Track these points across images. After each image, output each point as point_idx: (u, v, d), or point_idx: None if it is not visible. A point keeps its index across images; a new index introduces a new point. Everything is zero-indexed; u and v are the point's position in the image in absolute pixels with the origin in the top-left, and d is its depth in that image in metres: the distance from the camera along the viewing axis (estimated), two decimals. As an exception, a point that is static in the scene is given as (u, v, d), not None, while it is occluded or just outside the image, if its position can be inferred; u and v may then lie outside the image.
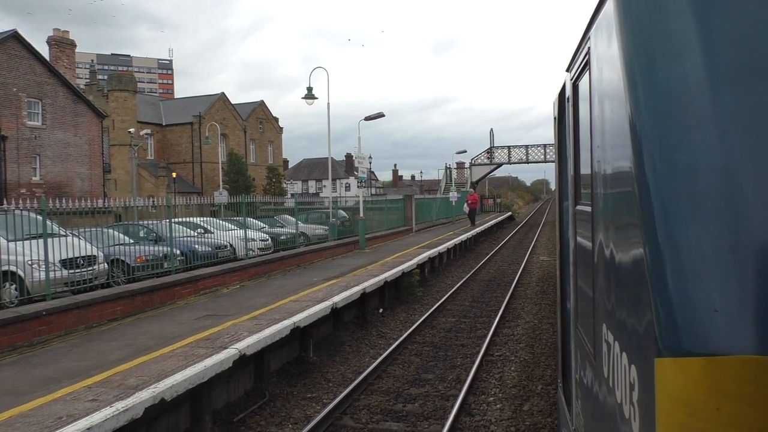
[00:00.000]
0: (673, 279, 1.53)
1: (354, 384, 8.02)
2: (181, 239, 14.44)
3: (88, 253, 11.56)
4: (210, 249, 14.92)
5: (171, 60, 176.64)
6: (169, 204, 12.89)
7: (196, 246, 14.60)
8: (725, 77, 1.64)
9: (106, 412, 5.01)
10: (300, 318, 8.88)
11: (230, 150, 55.31)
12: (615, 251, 2.07)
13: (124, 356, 6.98)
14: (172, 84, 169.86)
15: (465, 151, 51.96)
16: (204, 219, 18.49)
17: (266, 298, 10.82)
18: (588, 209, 2.73)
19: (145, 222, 15.95)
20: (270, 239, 18.29)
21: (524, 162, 51.50)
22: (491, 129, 54.09)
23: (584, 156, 2.98)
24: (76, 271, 11.01)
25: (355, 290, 11.39)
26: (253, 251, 16.38)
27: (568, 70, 3.69)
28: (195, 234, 16.47)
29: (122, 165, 49.21)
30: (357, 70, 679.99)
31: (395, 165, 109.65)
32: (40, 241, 10.35)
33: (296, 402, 7.80)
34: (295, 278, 13.73)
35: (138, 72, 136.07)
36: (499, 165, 52.76)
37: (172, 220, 13.16)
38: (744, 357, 1.41)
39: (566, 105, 3.82)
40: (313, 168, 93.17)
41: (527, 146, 51.19)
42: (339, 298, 10.49)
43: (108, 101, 48.67)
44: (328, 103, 21.29)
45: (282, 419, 7.21)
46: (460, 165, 61.81)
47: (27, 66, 30.20)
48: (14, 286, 10.52)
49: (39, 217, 10.97)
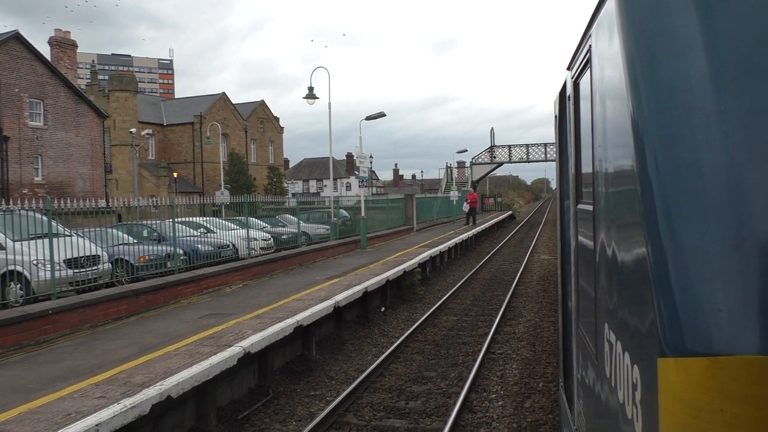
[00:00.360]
0: (676, 278, 1.52)
1: (357, 382, 8.09)
2: (184, 239, 14.51)
3: (92, 253, 11.64)
4: (212, 248, 15.00)
5: (171, 60, 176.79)
6: (173, 204, 12.97)
7: (199, 245, 14.68)
8: (728, 74, 1.63)
9: (114, 409, 5.08)
10: (303, 316, 8.95)
11: (231, 150, 55.33)
12: (617, 250, 2.05)
13: (130, 354, 7.05)
14: (173, 84, 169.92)
15: (466, 150, 51.97)
16: (206, 219, 18.57)
17: (269, 297, 10.89)
18: (589, 208, 2.71)
19: (148, 222, 16.02)
20: (272, 239, 18.37)
21: (525, 161, 51.49)
22: (492, 128, 54.10)
23: (585, 154, 2.96)
24: (80, 271, 11.09)
25: (357, 289, 11.46)
26: (255, 251, 16.45)
27: (569, 69, 3.69)
28: (197, 233, 16.56)
29: (123, 165, 49.29)
30: (357, 70, 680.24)
31: (396, 164, 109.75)
32: (45, 241, 10.44)
33: (300, 399, 7.86)
34: (298, 277, 13.80)
35: (138, 72, 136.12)
36: (500, 164, 52.76)
37: (175, 220, 13.24)
38: (748, 357, 1.39)
39: (567, 103, 3.80)
40: (314, 168, 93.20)
41: (528, 145, 51.18)
42: (341, 297, 10.56)
43: (109, 101, 48.74)
44: (330, 103, 21.35)
45: (286, 416, 7.28)
46: (461, 164, 61.78)
47: (29, 66, 30.28)
48: (19, 286, 10.61)
49: (43, 217, 11.07)
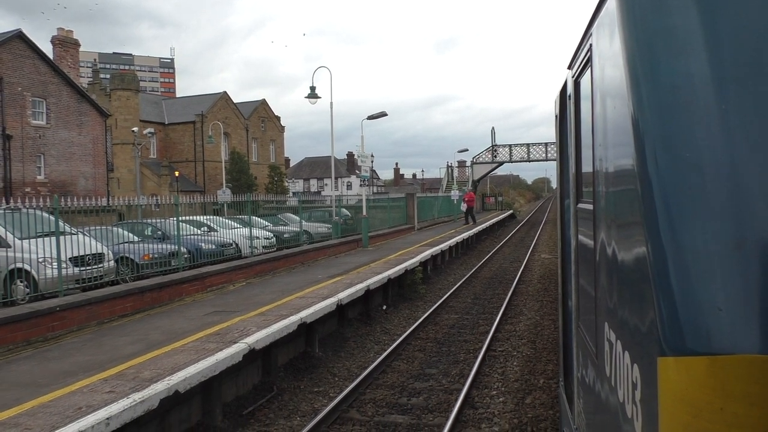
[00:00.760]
0: (677, 277, 1.51)
1: (359, 378, 8.20)
2: (187, 237, 14.62)
3: (97, 251, 11.75)
4: (215, 247, 15.12)
5: (172, 59, 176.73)
6: (177, 203, 13.07)
7: (202, 244, 14.79)
8: (729, 73, 1.63)
9: (124, 403, 5.19)
10: (306, 314, 9.06)
11: (232, 149, 55.44)
12: (617, 249, 2.05)
13: (137, 351, 7.16)
14: (174, 83, 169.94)
15: (467, 150, 51.99)
16: (208, 217, 18.67)
17: (272, 295, 11.00)
18: (590, 207, 2.72)
19: (151, 220, 16.13)
20: (274, 237, 18.47)
21: (525, 160, 51.58)
22: (492, 127, 54.36)
23: (586, 153, 2.97)
24: (86, 269, 11.20)
25: (360, 287, 11.57)
26: (258, 249, 16.56)
27: (570, 68, 3.69)
28: (200, 232, 16.67)
29: (125, 164, 49.43)
30: (358, 69, 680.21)
31: (396, 164, 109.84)
32: (50, 239, 10.56)
33: (303, 396, 7.97)
34: (300, 275, 13.91)
35: (140, 71, 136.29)
36: (501, 163, 52.84)
37: (179, 219, 13.35)
38: (748, 356, 1.39)
39: (568, 102, 3.81)
40: (315, 167, 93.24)
41: (528, 144, 51.26)
42: (344, 295, 10.67)
43: (111, 100, 48.86)
44: (331, 103, 21.44)
45: (290, 412, 7.38)
46: (461, 163, 61.89)
47: (31, 65, 30.39)
48: (25, 283, 10.72)
49: (48, 216, 11.18)
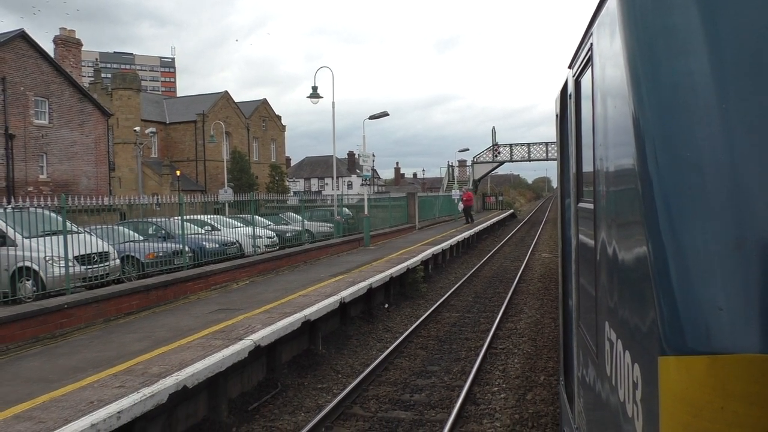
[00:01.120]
0: (677, 276, 1.52)
1: (362, 375, 8.31)
2: (190, 236, 14.75)
3: (102, 250, 11.87)
4: (218, 246, 15.24)
5: (173, 58, 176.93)
6: (181, 202, 13.19)
7: (205, 243, 14.91)
8: (729, 73, 1.62)
9: (134, 398, 5.31)
10: (310, 311, 9.18)
11: (234, 148, 55.55)
12: (618, 248, 2.04)
13: (144, 347, 7.28)
14: (175, 82, 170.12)
15: (467, 149, 52.20)
16: (211, 216, 18.80)
17: (276, 293, 11.12)
18: (590, 206, 2.73)
19: (155, 219, 16.24)
20: (276, 236, 18.59)
21: (526, 160, 51.74)
22: (493, 127, 54.51)
23: (586, 153, 2.97)
24: (91, 267, 11.32)
25: (362, 285, 11.68)
26: (260, 248, 16.68)
27: (570, 67, 3.69)
28: (203, 231, 16.79)
29: (126, 163, 49.56)
30: (359, 68, 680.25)
31: (397, 163, 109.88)
32: (56, 238, 10.67)
33: (308, 392, 8.09)
34: (303, 274, 14.03)
35: (141, 70, 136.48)
36: (502, 163, 53.01)
37: (183, 218, 13.47)
38: (749, 356, 1.39)
39: (568, 102, 3.81)
40: (316, 166, 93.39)
41: (529, 144, 51.42)
42: (347, 293, 10.79)
43: (112, 99, 48.98)
44: (333, 103, 21.53)
45: (294, 408, 7.50)
46: (462, 163, 62.00)
47: (34, 65, 30.49)
48: (31, 282, 10.84)
49: (53, 214, 11.30)
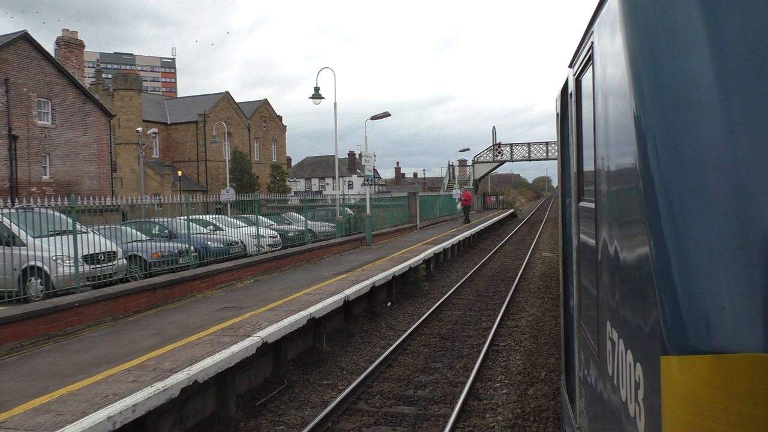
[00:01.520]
0: (680, 275, 1.51)
1: (367, 372, 8.48)
2: (195, 236, 14.91)
3: (109, 249, 12.03)
4: (222, 245, 15.41)
5: (174, 58, 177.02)
6: (187, 202, 13.36)
7: (209, 243, 15.08)
8: (732, 71, 1.62)
9: (148, 391, 5.47)
10: (315, 309, 9.34)
11: (235, 148, 55.71)
12: (619, 248, 2.04)
13: (155, 344, 7.45)
14: (175, 82, 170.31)
15: (468, 149, 52.36)
16: (215, 216, 18.96)
17: (281, 292, 11.28)
18: (591, 206, 2.72)
19: (160, 219, 16.41)
20: (279, 236, 18.75)
21: (526, 159, 51.88)
22: (494, 127, 54.60)
23: (587, 152, 2.96)
24: (98, 267, 11.48)
25: (365, 284, 11.84)
26: (263, 248, 16.84)
27: (571, 66, 3.68)
28: (206, 231, 16.95)
29: (128, 163, 49.71)
30: (359, 68, 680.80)
31: (398, 162, 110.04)
32: (64, 238, 10.83)
33: (313, 388, 8.25)
34: (306, 273, 14.20)
35: (141, 70, 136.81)
36: (502, 162, 53.15)
37: (183, 218, 13.63)
38: (753, 355, 1.38)
39: (569, 101, 3.80)
40: (316, 166, 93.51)
41: (529, 144, 51.55)
42: (351, 291, 10.95)
43: (113, 100, 49.12)
44: (335, 103, 21.68)
45: (301, 404, 7.67)
46: (462, 162, 62.19)
47: (37, 66, 30.66)
48: (39, 281, 11.00)
49: (60, 214, 11.46)
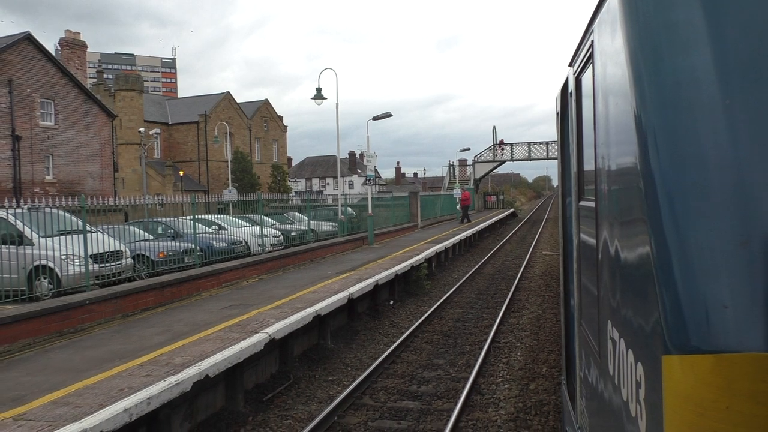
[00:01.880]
0: (681, 274, 1.50)
1: (371, 368, 8.65)
2: (199, 236, 15.08)
3: (115, 249, 12.21)
4: (226, 245, 15.60)
5: (174, 59, 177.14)
6: (194, 202, 13.53)
7: (213, 242, 15.27)
8: (733, 69, 1.61)
9: (161, 385, 5.65)
10: (321, 306, 9.53)
11: (236, 148, 55.84)
12: (620, 247, 2.03)
13: (165, 340, 7.63)
14: (176, 83, 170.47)
15: (469, 149, 52.59)
16: (218, 216, 19.15)
17: (285, 290, 11.46)
18: (592, 205, 2.71)
19: (165, 219, 16.59)
20: (281, 235, 18.93)
21: (527, 159, 52.07)
22: (494, 127, 54.80)
23: (588, 151, 2.96)
24: (105, 266, 11.66)
25: (369, 282, 12.02)
26: (267, 247, 17.03)
27: (571, 65, 3.68)
28: (210, 231, 17.14)
29: (129, 164, 49.86)
30: (360, 67, 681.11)
31: (398, 162, 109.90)
32: (72, 237, 11.01)
33: (319, 384, 8.43)
34: (310, 272, 14.38)
35: (142, 71, 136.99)
36: (502, 162, 53.37)
37: (187, 218, 13.80)
38: (755, 354, 1.38)
39: (569, 100, 3.80)
40: (317, 166, 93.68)
41: (530, 143, 51.78)
42: (355, 289, 11.13)
43: (115, 101, 49.27)
44: (337, 104, 21.87)
45: (307, 399, 7.84)
46: (463, 162, 62.40)
47: (40, 67, 30.81)
48: (48, 280, 11.18)
49: (66, 214, 11.64)
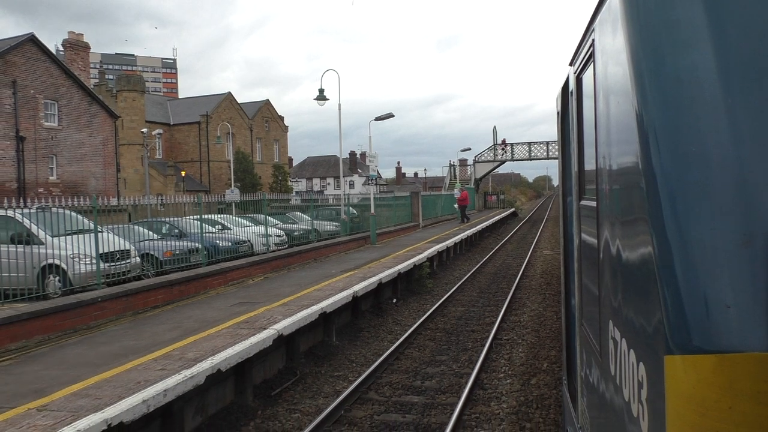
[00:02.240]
0: (683, 274, 1.49)
1: (376, 364, 8.86)
2: (205, 235, 15.29)
3: (123, 248, 12.42)
4: (230, 244, 15.81)
5: (175, 59, 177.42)
6: (200, 201, 13.75)
7: (218, 241, 15.48)
8: (735, 67, 1.60)
9: (176, 378, 5.86)
10: (326, 304, 9.74)
11: (237, 148, 56.03)
12: (622, 246, 2.02)
13: (176, 336, 7.84)
14: (176, 83, 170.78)
15: (469, 149, 52.83)
16: (222, 216, 19.37)
17: (291, 288, 11.67)
18: (593, 204, 2.71)
19: (170, 219, 16.80)
20: (285, 235, 19.14)
21: (527, 159, 52.27)
22: (494, 127, 55.14)
23: (588, 150, 2.96)
24: (114, 264, 11.87)
25: (373, 280, 12.23)
26: (270, 246, 17.24)
27: (572, 64, 3.67)
28: (215, 230, 17.35)
29: (131, 164, 50.06)
30: (360, 67, 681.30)
31: (398, 162, 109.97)
32: (79, 237, 11.21)
33: (325, 379, 8.64)
34: (314, 270, 14.59)
35: (142, 71, 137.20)
36: (503, 162, 53.58)
37: (193, 218, 14.00)
38: (758, 354, 1.37)
39: (570, 99, 3.80)
40: (317, 166, 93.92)
41: (530, 143, 51.98)
42: (359, 287, 11.34)
43: (117, 101, 49.49)
44: (339, 105, 22.09)
45: (314, 393, 8.05)
46: (463, 162, 62.62)
47: (43, 68, 31.04)
48: (58, 278, 11.38)
49: (74, 214, 11.83)
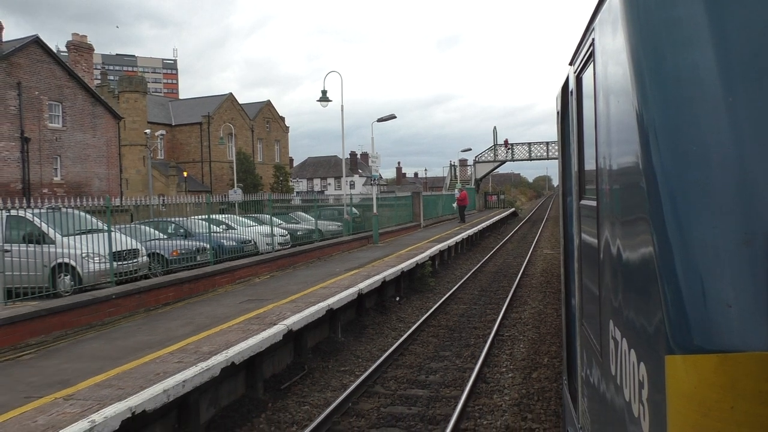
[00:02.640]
0: (684, 273, 1.48)
1: (381, 359, 9.12)
2: (210, 235, 15.55)
3: (132, 247, 12.68)
4: (236, 244, 16.07)
5: (175, 60, 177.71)
6: (209, 202, 14.02)
7: (223, 241, 15.74)
8: (736, 66, 1.59)
9: (194, 370, 6.13)
10: (333, 301, 10.01)
11: (238, 149, 56.29)
12: (622, 246, 2.02)
13: (189, 332, 8.11)
14: (177, 83, 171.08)
15: (470, 149, 53.05)
16: (227, 216, 19.62)
17: (298, 286, 11.94)
18: (593, 204, 2.70)
19: (176, 218, 17.06)
20: (288, 234, 19.41)
21: (527, 159, 52.53)
22: (494, 127, 55.44)
23: (588, 150, 2.95)
24: (123, 263, 12.13)
25: (377, 279, 12.50)
26: (275, 246, 17.50)
27: (572, 64, 3.67)
28: (220, 230, 17.61)
29: (133, 164, 50.29)
30: (360, 67, 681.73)
31: (399, 162, 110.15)
32: (90, 236, 11.47)
33: (332, 374, 8.90)
34: (319, 269, 14.86)
35: (143, 72, 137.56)
36: (503, 162, 53.84)
37: (199, 218, 14.26)
38: (759, 354, 1.37)
39: (570, 99, 3.79)
40: (318, 166, 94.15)
41: (530, 143, 52.24)
42: (364, 285, 11.61)
43: (119, 102, 49.73)
44: (342, 106, 22.34)
45: (322, 387, 8.32)
46: (463, 162, 62.90)
47: (48, 70, 31.31)
48: (69, 277, 11.65)
49: (84, 214, 12.10)
